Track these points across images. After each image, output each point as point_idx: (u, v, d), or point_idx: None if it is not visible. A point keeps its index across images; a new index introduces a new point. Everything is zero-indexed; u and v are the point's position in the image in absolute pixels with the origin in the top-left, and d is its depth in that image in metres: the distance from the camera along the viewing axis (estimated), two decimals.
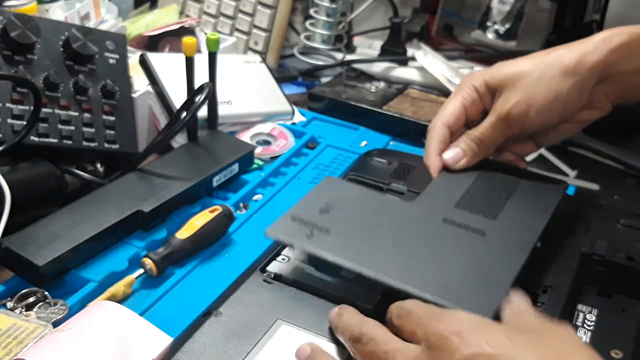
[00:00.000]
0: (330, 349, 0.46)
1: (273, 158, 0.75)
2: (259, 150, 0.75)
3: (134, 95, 0.72)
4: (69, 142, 0.65)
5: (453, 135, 0.62)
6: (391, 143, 0.81)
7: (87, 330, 0.46)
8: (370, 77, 0.94)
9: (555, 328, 0.40)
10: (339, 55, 0.99)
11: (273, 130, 0.79)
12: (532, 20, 0.98)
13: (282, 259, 0.55)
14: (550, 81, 0.57)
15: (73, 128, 0.65)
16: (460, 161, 0.60)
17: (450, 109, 0.62)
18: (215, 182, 0.67)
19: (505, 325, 0.42)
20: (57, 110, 0.65)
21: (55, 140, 0.64)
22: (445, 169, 0.61)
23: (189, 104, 0.67)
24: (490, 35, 1.01)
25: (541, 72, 0.57)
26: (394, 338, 0.42)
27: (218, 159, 0.68)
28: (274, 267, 0.54)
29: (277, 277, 0.53)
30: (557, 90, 0.57)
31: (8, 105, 0.62)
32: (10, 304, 0.52)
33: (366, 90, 0.90)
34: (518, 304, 0.43)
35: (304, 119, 0.84)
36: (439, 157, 0.61)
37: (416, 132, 0.80)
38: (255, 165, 0.73)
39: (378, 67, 0.95)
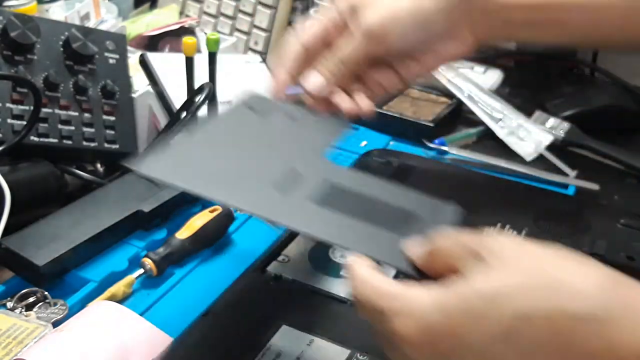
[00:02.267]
0: (331, 349, 0.46)
1: None
2: None
3: (134, 95, 0.72)
4: (69, 142, 0.65)
5: (312, 57, 0.58)
6: (391, 143, 0.81)
7: (87, 330, 0.46)
8: None
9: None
10: None
11: None
12: None
13: (282, 259, 0.55)
14: None
15: (73, 128, 0.65)
16: (320, 85, 0.56)
17: (307, 27, 0.58)
18: None
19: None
20: (57, 110, 0.65)
21: (55, 140, 0.64)
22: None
23: (189, 104, 0.67)
24: None
25: None
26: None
27: None
28: (274, 267, 0.54)
29: (277, 277, 0.53)
30: (419, 6, 0.55)
31: (8, 105, 0.62)
32: (10, 304, 0.52)
33: None
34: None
35: None
36: (288, 75, 0.58)
37: (416, 132, 0.80)
38: None
39: None
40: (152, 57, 0.75)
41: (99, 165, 0.68)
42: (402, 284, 0.37)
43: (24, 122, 0.61)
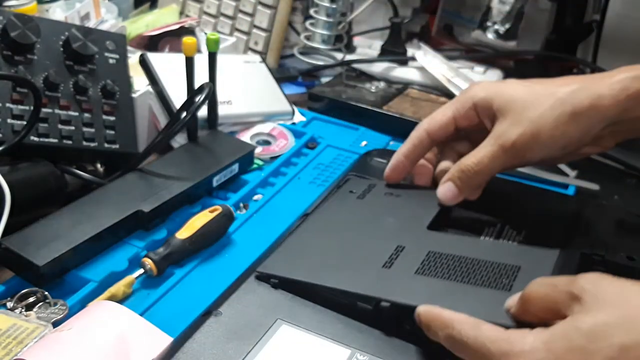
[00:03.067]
0: (331, 349, 0.46)
1: (273, 158, 0.75)
2: (259, 150, 0.75)
3: (134, 95, 0.72)
4: (69, 142, 0.65)
5: (438, 144, 0.61)
6: (391, 143, 0.81)
7: (87, 330, 0.46)
8: (370, 77, 0.94)
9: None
10: (339, 55, 0.99)
11: (273, 130, 0.79)
12: (532, 20, 0.98)
13: None
14: (559, 119, 0.53)
15: (73, 128, 0.65)
16: (456, 198, 0.57)
17: (439, 117, 0.59)
18: (215, 182, 0.67)
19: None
20: (57, 110, 0.65)
21: (55, 140, 0.64)
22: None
23: (189, 104, 0.67)
24: (490, 35, 1.01)
25: (551, 107, 0.53)
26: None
27: (218, 159, 0.68)
28: None
29: (278, 277, 0.53)
30: (564, 131, 0.53)
31: (8, 105, 0.62)
32: (10, 304, 0.52)
33: (366, 90, 0.90)
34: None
35: (304, 119, 0.84)
36: (407, 160, 0.60)
37: None
38: (255, 166, 0.73)
39: (378, 67, 0.95)
40: (152, 57, 0.76)
41: (99, 165, 0.68)
42: (509, 330, 0.40)
43: (24, 122, 0.61)
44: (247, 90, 0.82)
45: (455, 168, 0.57)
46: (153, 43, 0.89)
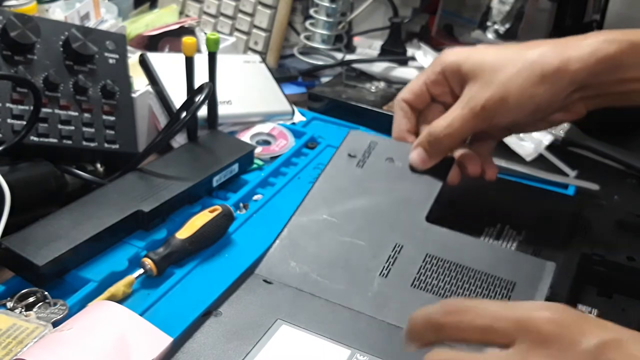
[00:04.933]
0: (331, 349, 0.46)
1: (273, 158, 0.75)
2: (258, 150, 0.75)
3: (133, 95, 0.72)
4: (69, 142, 0.65)
5: (420, 111, 0.61)
6: None
7: (87, 330, 0.46)
8: (370, 77, 0.94)
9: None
10: (339, 55, 0.99)
11: (273, 130, 0.79)
12: (532, 20, 0.98)
13: None
14: (527, 82, 0.53)
15: (73, 128, 0.65)
16: (427, 162, 0.58)
17: (412, 86, 0.60)
18: (215, 182, 0.67)
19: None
20: (57, 110, 0.65)
21: (55, 140, 0.64)
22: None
23: (188, 104, 0.67)
24: (490, 35, 1.01)
25: (519, 70, 0.53)
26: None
27: (218, 159, 0.68)
28: None
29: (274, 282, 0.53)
30: (533, 93, 0.53)
31: (8, 105, 0.62)
32: (10, 304, 0.52)
33: (366, 90, 0.90)
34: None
35: (303, 119, 0.84)
36: (408, 133, 0.60)
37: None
38: (255, 165, 0.73)
39: (378, 67, 0.95)
40: (152, 57, 0.76)
41: (99, 165, 0.68)
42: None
43: (24, 122, 0.61)
44: (247, 90, 0.82)
45: (424, 133, 0.57)
46: (153, 43, 0.89)
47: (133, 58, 0.76)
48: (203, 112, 0.71)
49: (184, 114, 0.66)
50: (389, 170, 0.60)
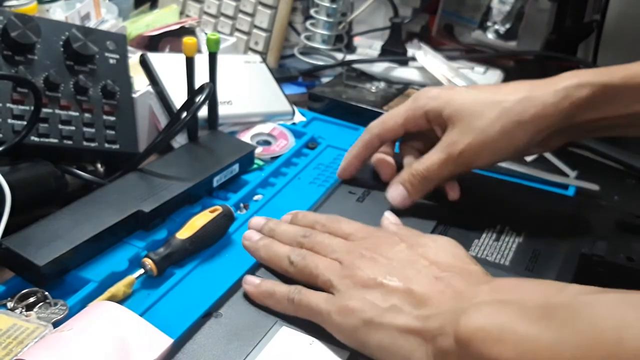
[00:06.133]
0: (331, 350, 0.46)
1: (273, 158, 0.75)
2: (259, 150, 0.75)
3: (134, 95, 0.72)
4: (70, 142, 0.65)
5: (382, 145, 0.64)
6: None
7: (88, 330, 0.46)
8: (371, 77, 0.94)
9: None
10: (339, 56, 0.99)
11: (273, 130, 0.79)
12: (532, 20, 0.98)
13: None
14: (506, 128, 0.56)
15: (73, 128, 0.65)
16: (405, 201, 0.60)
17: (390, 123, 0.62)
18: (216, 182, 0.67)
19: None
20: (57, 111, 0.65)
21: (55, 141, 0.64)
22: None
23: (189, 104, 0.67)
24: (490, 35, 1.01)
25: (497, 116, 0.56)
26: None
27: (218, 159, 0.68)
28: None
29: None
30: (511, 138, 0.56)
31: (8, 105, 0.62)
32: (10, 304, 0.52)
33: (366, 91, 0.90)
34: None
35: (304, 119, 0.84)
36: (356, 160, 0.64)
37: None
38: (255, 166, 0.73)
39: (378, 67, 0.95)
40: (153, 57, 0.76)
41: (99, 165, 0.68)
42: None
43: (25, 122, 0.62)
44: (248, 90, 0.82)
45: (406, 172, 0.60)
46: (153, 43, 0.89)
47: (133, 58, 0.76)
48: (203, 112, 0.71)
49: (185, 114, 0.66)
50: (387, 206, 0.61)
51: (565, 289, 0.42)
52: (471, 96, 0.58)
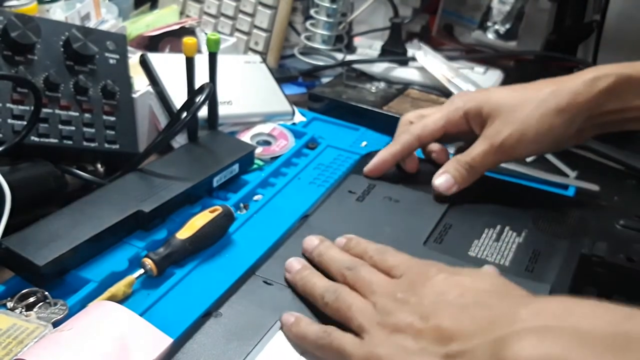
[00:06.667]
0: None
1: (273, 158, 0.75)
2: (259, 150, 0.75)
3: (134, 95, 0.72)
4: (70, 142, 0.65)
5: (420, 147, 0.67)
6: None
7: (87, 330, 0.46)
8: (371, 78, 0.94)
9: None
10: (340, 56, 0.99)
11: (273, 130, 0.79)
12: (532, 20, 0.98)
13: None
14: (544, 117, 0.59)
15: (73, 128, 0.65)
16: (451, 188, 0.62)
17: (431, 126, 0.65)
18: (216, 182, 0.67)
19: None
20: (57, 111, 0.65)
21: (55, 141, 0.64)
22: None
23: (189, 104, 0.67)
24: (490, 35, 1.01)
25: (535, 106, 0.60)
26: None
27: (218, 160, 0.68)
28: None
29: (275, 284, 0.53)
30: (550, 125, 0.59)
31: (8, 105, 0.62)
32: (10, 304, 0.52)
33: (366, 91, 0.90)
34: None
35: (304, 119, 0.84)
36: (392, 158, 0.66)
37: None
38: (255, 166, 0.73)
39: (378, 68, 0.95)
40: (153, 57, 0.76)
41: (99, 165, 0.68)
42: None
43: (25, 122, 0.62)
44: (248, 90, 0.82)
45: (452, 162, 0.63)
46: (153, 43, 0.89)
47: (133, 58, 0.76)
48: (203, 112, 0.71)
49: (185, 114, 0.66)
50: (387, 206, 0.63)
51: (636, 316, 0.36)
52: (506, 93, 0.62)
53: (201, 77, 0.69)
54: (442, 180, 0.62)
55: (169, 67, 0.75)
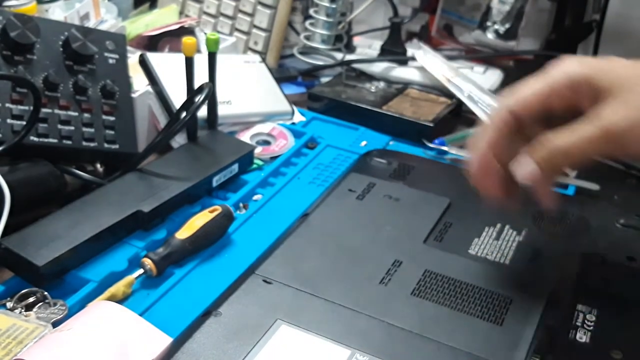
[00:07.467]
0: (331, 349, 0.46)
1: (273, 158, 0.75)
2: (258, 150, 0.75)
3: (133, 95, 0.72)
4: (69, 142, 0.65)
5: (521, 127, 0.48)
6: (391, 143, 0.81)
7: (87, 330, 0.46)
8: (370, 77, 0.94)
9: None
10: (339, 55, 0.99)
11: (273, 130, 0.79)
12: (532, 20, 0.98)
13: None
14: None
15: (73, 128, 0.65)
16: (534, 177, 0.47)
17: (527, 96, 0.48)
18: (215, 182, 0.67)
19: None
20: (56, 111, 0.65)
21: (55, 141, 0.64)
22: None
23: (188, 104, 0.67)
24: (490, 35, 1.01)
25: None
26: None
27: (218, 159, 0.68)
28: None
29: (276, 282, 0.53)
30: None
31: (8, 105, 0.62)
32: (10, 304, 0.52)
33: (366, 90, 0.90)
34: None
35: (303, 119, 0.84)
36: (490, 149, 0.49)
37: (416, 132, 0.80)
38: (255, 165, 0.73)
39: (378, 67, 0.95)
40: (152, 57, 0.76)
41: (98, 165, 0.68)
42: None
43: (24, 122, 0.61)
44: (247, 90, 0.82)
45: (541, 145, 0.46)
46: (153, 43, 0.89)
47: (133, 58, 0.76)
48: (203, 112, 0.71)
49: (184, 114, 0.66)
50: (387, 204, 0.62)
51: None
52: (621, 65, 0.46)
53: (200, 76, 0.69)
54: (525, 166, 0.47)
55: (169, 66, 0.75)
